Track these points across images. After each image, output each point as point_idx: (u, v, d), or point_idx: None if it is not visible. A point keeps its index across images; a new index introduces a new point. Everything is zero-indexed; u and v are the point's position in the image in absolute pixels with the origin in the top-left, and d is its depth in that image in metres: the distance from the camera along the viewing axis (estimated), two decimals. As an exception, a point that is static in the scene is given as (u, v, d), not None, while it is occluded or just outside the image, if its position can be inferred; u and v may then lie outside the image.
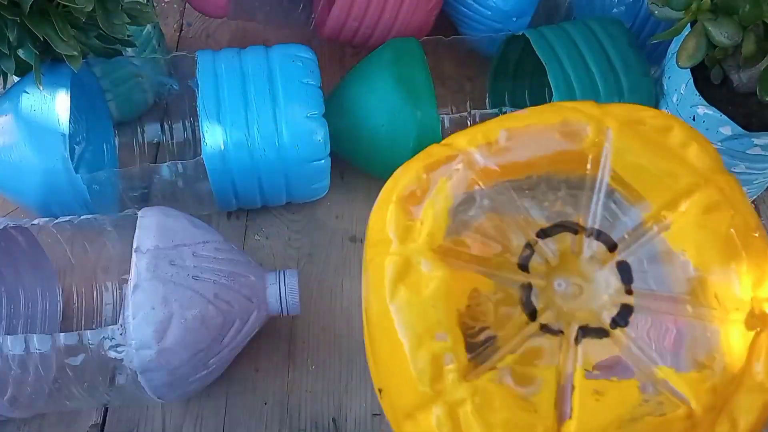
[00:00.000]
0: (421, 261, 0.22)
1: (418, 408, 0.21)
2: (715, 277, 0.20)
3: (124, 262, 0.54)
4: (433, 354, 0.20)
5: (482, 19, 0.64)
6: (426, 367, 0.20)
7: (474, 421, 0.19)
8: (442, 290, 0.21)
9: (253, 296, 0.47)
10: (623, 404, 0.19)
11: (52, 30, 0.47)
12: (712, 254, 0.21)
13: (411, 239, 0.22)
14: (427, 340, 0.21)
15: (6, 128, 0.50)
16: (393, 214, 0.24)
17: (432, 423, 0.20)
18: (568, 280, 0.22)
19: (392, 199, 0.24)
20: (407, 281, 0.21)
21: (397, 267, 0.22)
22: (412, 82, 0.54)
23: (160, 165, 0.53)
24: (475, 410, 0.19)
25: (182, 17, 0.78)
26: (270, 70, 0.55)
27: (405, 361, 0.21)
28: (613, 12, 0.64)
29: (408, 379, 0.21)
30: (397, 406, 0.22)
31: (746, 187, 0.55)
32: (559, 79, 0.55)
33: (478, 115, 0.59)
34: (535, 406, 0.19)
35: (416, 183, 0.24)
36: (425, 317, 0.21)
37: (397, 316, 0.21)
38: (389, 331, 0.21)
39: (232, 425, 0.51)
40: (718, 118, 0.49)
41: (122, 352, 0.41)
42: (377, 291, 0.22)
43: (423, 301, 0.21)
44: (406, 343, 0.21)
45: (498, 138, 0.24)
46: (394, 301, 0.22)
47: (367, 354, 0.26)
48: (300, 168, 0.54)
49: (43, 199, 0.51)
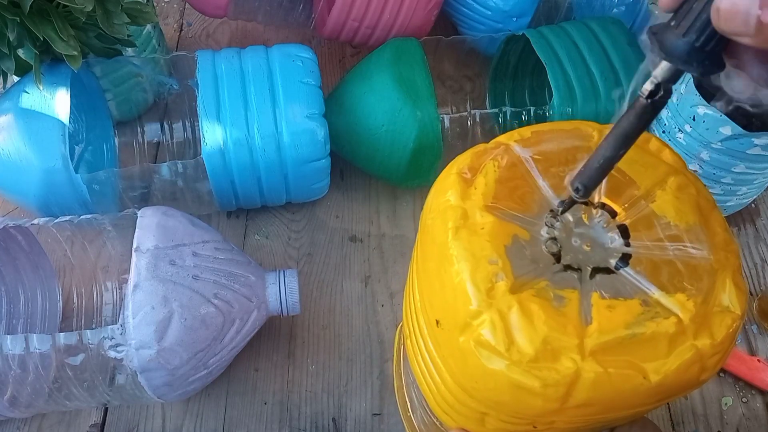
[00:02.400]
0: (476, 212, 0.29)
1: (475, 316, 0.27)
2: (690, 231, 0.29)
3: (124, 262, 0.54)
4: (488, 273, 0.27)
5: (482, 19, 0.64)
6: (482, 284, 0.27)
7: (520, 321, 0.26)
8: (493, 231, 0.28)
9: (253, 296, 0.47)
10: (629, 313, 0.27)
11: (52, 30, 0.47)
12: (688, 215, 0.30)
13: (467, 198, 0.30)
14: (483, 264, 0.27)
15: (6, 128, 0.50)
16: (453, 182, 0.31)
17: (487, 325, 0.27)
18: (582, 237, 0.29)
19: (452, 173, 0.31)
20: (466, 224, 0.29)
21: (458, 215, 0.29)
22: (412, 82, 0.54)
23: (160, 165, 0.53)
24: (521, 312, 0.26)
25: (182, 17, 0.79)
26: (270, 70, 0.55)
27: (463, 284, 0.27)
28: (613, 12, 0.64)
29: (465, 299, 0.27)
30: (453, 325, 0.28)
31: (746, 187, 0.55)
32: (559, 79, 0.55)
33: (478, 114, 0.59)
34: (565, 313, 0.27)
35: (470, 163, 0.32)
36: (481, 248, 0.28)
37: (458, 250, 0.28)
38: (449, 263, 0.28)
39: (232, 425, 0.51)
40: (718, 118, 0.49)
41: (122, 352, 0.41)
42: (442, 233, 0.29)
43: (479, 238, 0.28)
44: (466, 268, 0.28)
45: (529, 136, 0.32)
46: (456, 239, 0.28)
47: (419, 299, 0.33)
48: (300, 168, 0.54)
49: (43, 199, 0.51)
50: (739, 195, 0.56)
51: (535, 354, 0.26)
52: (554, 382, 0.26)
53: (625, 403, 0.28)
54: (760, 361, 0.53)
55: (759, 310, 0.56)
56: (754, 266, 0.60)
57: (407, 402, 0.45)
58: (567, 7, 0.68)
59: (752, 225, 0.62)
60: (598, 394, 0.26)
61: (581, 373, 0.26)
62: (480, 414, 0.31)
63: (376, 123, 0.55)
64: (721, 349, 0.27)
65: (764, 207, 0.64)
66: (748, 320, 0.57)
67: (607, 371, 0.26)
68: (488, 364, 0.27)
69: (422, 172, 0.57)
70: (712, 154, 0.52)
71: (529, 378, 0.26)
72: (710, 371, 0.27)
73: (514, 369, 0.26)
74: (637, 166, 0.31)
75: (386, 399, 0.52)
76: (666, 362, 0.26)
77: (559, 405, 0.27)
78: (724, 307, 0.28)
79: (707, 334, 0.27)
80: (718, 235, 0.29)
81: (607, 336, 0.26)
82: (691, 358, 0.26)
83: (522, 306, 0.26)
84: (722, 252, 0.29)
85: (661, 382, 0.26)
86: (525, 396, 0.27)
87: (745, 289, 0.29)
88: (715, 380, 0.53)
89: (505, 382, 0.27)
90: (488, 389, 0.28)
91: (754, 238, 0.61)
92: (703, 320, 0.27)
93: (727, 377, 0.53)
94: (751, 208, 0.63)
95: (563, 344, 0.26)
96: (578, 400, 0.26)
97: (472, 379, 0.29)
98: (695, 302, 0.27)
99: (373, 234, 0.61)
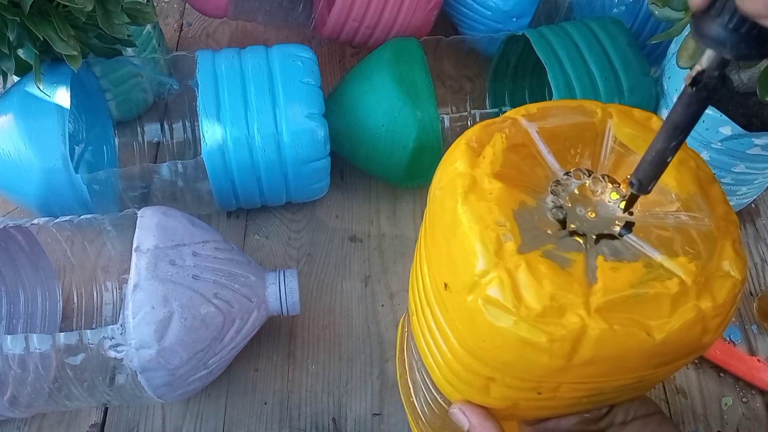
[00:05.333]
0: (485, 179, 0.30)
1: (483, 275, 0.28)
2: (690, 200, 0.30)
3: (124, 262, 0.54)
4: (496, 233, 0.28)
5: (482, 19, 0.64)
6: (490, 243, 0.28)
7: (527, 279, 0.27)
8: (501, 197, 0.29)
9: (253, 296, 0.47)
10: (633, 274, 0.27)
11: (52, 30, 0.47)
12: (688, 186, 0.30)
13: (476, 166, 0.31)
14: (492, 225, 0.28)
15: (6, 128, 0.50)
16: (462, 151, 0.31)
17: (495, 283, 0.27)
18: (586, 207, 0.30)
19: (461, 144, 0.32)
20: (475, 190, 0.30)
21: (467, 181, 0.30)
22: (412, 82, 0.54)
23: (160, 165, 0.53)
24: (528, 271, 0.27)
25: (182, 17, 0.79)
26: (270, 69, 0.55)
27: (472, 245, 0.28)
28: (613, 12, 0.64)
29: (473, 259, 0.28)
30: (462, 286, 0.29)
31: (746, 187, 0.55)
32: (559, 79, 0.55)
33: (478, 115, 0.59)
34: (571, 273, 0.27)
35: (479, 135, 0.32)
36: (490, 211, 0.29)
37: (467, 214, 0.29)
38: (459, 227, 0.29)
39: (232, 425, 0.51)
40: (718, 118, 0.49)
41: (122, 352, 0.41)
42: (451, 199, 0.30)
43: (488, 202, 0.29)
44: (475, 229, 0.28)
45: (536, 111, 0.33)
46: (465, 203, 0.29)
47: (427, 269, 0.33)
48: (300, 168, 0.54)
49: (43, 199, 0.51)
50: (739, 195, 0.56)
51: (543, 310, 0.27)
52: (560, 337, 0.27)
53: (629, 364, 0.28)
54: (760, 361, 0.53)
55: (759, 310, 0.56)
56: (754, 266, 0.60)
57: (410, 387, 0.45)
58: (567, 7, 0.68)
59: (752, 225, 0.62)
60: (603, 352, 0.27)
61: (587, 329, 0.26)
62: (485, 380, 0.32)
63: (376, 123, 0.55)
64: (722, 312, 0.28)
65: (764, 207, 0.64)
66: (748, 320, 0.57)
67: (612, 327, 0.26)
68: (496, 322, 0.28)
69: (422, 172, 0.57)
70: (712, 154, 0.52)
71: (536, 333, 0.27)
72: (712, 333, 0.28)
73: (521, 325, 0.27)
74: (639, 141, 0.32)
75: (386, 399, 0.52)
76: (669, 321, 0.27)
77: (565, 362, 0.27)
78: (725, 272, 0.28)
79: (709, 296, 0.27)
80: (718, 206, 0.30)
81: (612, 295, 0.27)
82: (694, 318, 0.27)
83: (529, 265, 0.27)
84: (722, 221, 0.30)
85: (664, 339, 0.27)
86: (532, 353, 0.28)
87: (745, 258, 0.29)
88: (715, 380, 0.53)
89: (512, 339, 0.28)
90: (496, 347, 0.29)
91: (754, 238, 0.61)
92: (705, 283, 0.28)
93: (727, 377, 0.53)
94: (751, 208, 0.63)
95: (569, 301, 0.27)
96: (584, 357, 0.27)
97: (480, 339, 0.29)
98: (697, 265, 0.28)
99: (373, 234, 0.61)
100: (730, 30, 0.23)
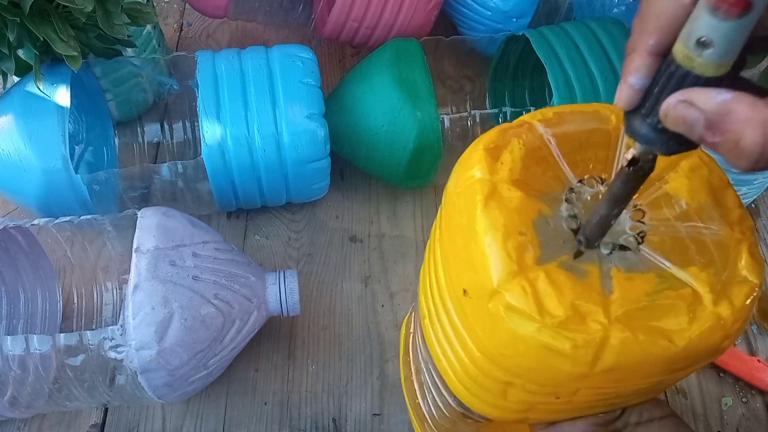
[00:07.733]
0: (505, 186, 0.30)
1: (505, 283, 0.28)
2: (701, 210, 0.30)
3: (124, 262, 0.54)
4: (518, 243, 0.28)
5: (482, 19, 0.64)
6: (512, 252, 0.28)
7: (548, 287, 0.27)
8: (521, 205, 0.29)
9: (253, 296, 0.47)
10: (648, 283, 0.28)
11: (52, 30, 0.47)
12: (700, 195, 0.31)
13: (495, 172, 0.31)
14: (513, 234, 0.28)
15: (6, 128, 0.50)
16: (481, 156, 0.31)
17: (517, 291, 0.28)
18: None
19: (480, 148, 0.32)
20: (495, 197, 0.30)
21: (487, 188, 0.30)
22: (412, 82, 0.54)
23: (160, 165, 0.53)
24: (548, 280, 0.27)
25: (182, 17, 0.79)
26: (270, 70, 0.55)
27: (494, 253, 0.28)
28: (613, 12, 0.64)
29: (495, 267, 0.28)
30: (482, 293, 0.29)
31: (746, 187, 0.55)
32: (559, 79, 0.55)
33: (478, 115, 0.59)
34: (589, 284, 0.28)
35: (496, 139, 0.32)
36: (511, 220, 0.29)
37: (487, 222, 0.29)
38: (478, 235, 0.29)
39: (232, 425, 0.51)
40: (718, 118, 0.49)
41: (122, 353, 0.41)
42: (469, 206, 0.30)
43: (509, 211, 0.29)
44: (497, 237, 0.28)
45: (551, 116, 0.33)
46: (486, 211, 0.29)
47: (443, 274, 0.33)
48: (300, 168, 0.54)
49: (43, 200, 0.51)
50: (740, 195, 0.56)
51: (566, 317, 0.27)
52: (584, 343, 0.27)
53: (651, 369, 0.28)
54: (760, 361, 0.53)
55: (759, 310, 0.56)
56: (754, 266, 0.60)
57: (416, 389, 0.45)
58: (567, 7, 0.68)
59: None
60: (625, 359, 0.27)
61: (609, 337, 0.27)
62: (503, 385, 0.32)
63: (376, 123, 0.55)
64: (741, 317, 0.28)
65: (764, 207, 0.64)
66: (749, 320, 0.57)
67: (634, 335, 0.27)
68: (518, 329, 0.28)
69: (422, 173, 0.57)
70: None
71: (560, 340, 0.27)
72: (732, 338, 0.29)
73: (544, 332, 0.27)
74: None
75: (386, 399, 0.52)
76: (690, 328, 0.27)
77: (588, 369, 0.27)
78: (743, 277, 0.29)
79: (727, 302, 0.28)
80: (732, 211, 0.31)
81: (630, 305, 0.27)
82: (713, 325, 0.27)
83: (549, 275, 0.27)
84: (737, 227, 0.30)
85: (686, 346, 0.27)
86: (554, 359, 0.28)
87: (762, 261, 0.30)
88: (715, 380, 0.53)
89: (535, 346, 0.28)
90: (518, 354, 0.29)
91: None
92: (722, 290, 0.28)
93: (727, 377, 0.54)
94: (751, 208, 0.63)
95: (590, 310, 0.27)
96: (606, 363, 0.27)
97: (501, 345, 0.29)
98: (709, 273, 0.28)
99: (373, 234, 0.61)
100: (659, 131, 0.24)
